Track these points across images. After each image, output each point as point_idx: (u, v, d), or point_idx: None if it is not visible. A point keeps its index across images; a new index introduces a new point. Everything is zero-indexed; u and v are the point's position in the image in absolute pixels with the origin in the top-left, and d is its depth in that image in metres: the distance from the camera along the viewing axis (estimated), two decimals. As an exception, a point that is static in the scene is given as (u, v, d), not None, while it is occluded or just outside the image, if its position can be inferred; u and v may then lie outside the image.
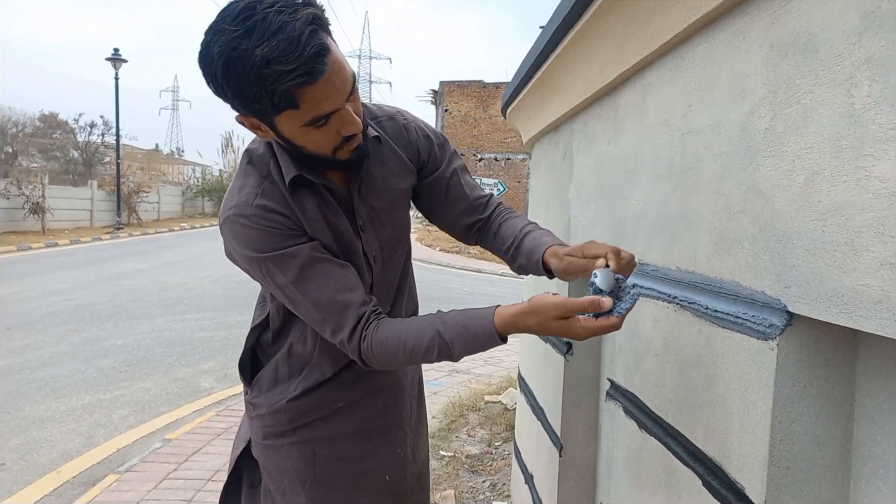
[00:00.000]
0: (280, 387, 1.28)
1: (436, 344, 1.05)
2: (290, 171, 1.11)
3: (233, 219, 1.10)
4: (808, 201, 0.72)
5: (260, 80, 0.93)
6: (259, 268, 1.10)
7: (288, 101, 0.96)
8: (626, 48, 1.28)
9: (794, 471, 0.77)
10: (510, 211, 1.35)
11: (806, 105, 0.73)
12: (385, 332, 1.08)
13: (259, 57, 0.91)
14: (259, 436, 1.31)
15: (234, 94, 0.97)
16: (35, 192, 17.21)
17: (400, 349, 1.07)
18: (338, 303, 1.09)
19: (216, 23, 0.95)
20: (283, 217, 1.10)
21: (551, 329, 1.00)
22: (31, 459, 3.44)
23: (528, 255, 1.20)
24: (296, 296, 1.10)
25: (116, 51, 19.53)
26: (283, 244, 1.08)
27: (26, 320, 6.67)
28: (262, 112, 1.00)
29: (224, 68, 0.94)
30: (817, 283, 0.70)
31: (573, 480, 1.86)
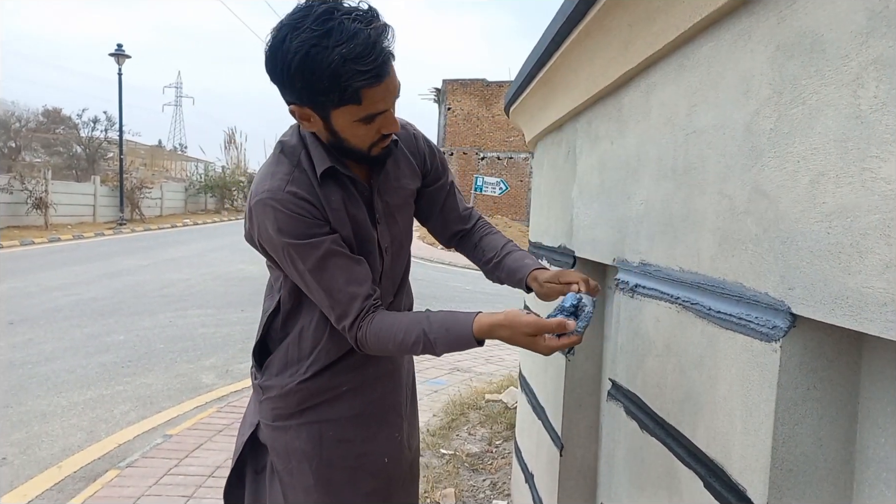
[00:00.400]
0: (290, 369, 1.37)
1: (421, 341, 1.20)
2: (322, 163, 1.23)
3: (266, 201, 1.20)
4: (812, 202, 0.71)
5: (335, 76, 1.07)
6: (282, 251, 1.21)
7: (354, 97, 1.11)
8: (631, 47, 1.27)
9: (797, 473, 0.77)
10: (489, 226, 1.59)
11: (812, 106, 0.72)
12: (379, 325, 1.22)
13: (338, 56, 1.05)
14: (269, 418, 1.39)
15: (305, 86, 1.10)
16: (38, 187, 17.23)
17: (390, 341, 1.21)
18: (347, 293, 1.22)
19: (294, 20, 1.08)
20: (311, 205, 1.21)
21: (520, 342, 1.16)
22: (32, 454, 3.45)
23: (510, 272, 1.43)
24: (311, 282, 1.22)
25: (120, 46, 19.54)
26: (309, 233, 1.20)
27: (28, 315, 6.68)
28: (324, 104, 1.13)
29: (302, 62, 1.06)
30: (822, 285, 0.69)
31: (574, 480, 1.86)
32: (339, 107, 1.13)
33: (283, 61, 1.08)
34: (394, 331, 1.21)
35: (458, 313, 1.22)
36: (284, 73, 1.10)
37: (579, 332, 1.17)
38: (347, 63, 1.06)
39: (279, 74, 1.11)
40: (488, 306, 8.81)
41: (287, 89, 1.14)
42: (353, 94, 1.10)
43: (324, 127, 1.19)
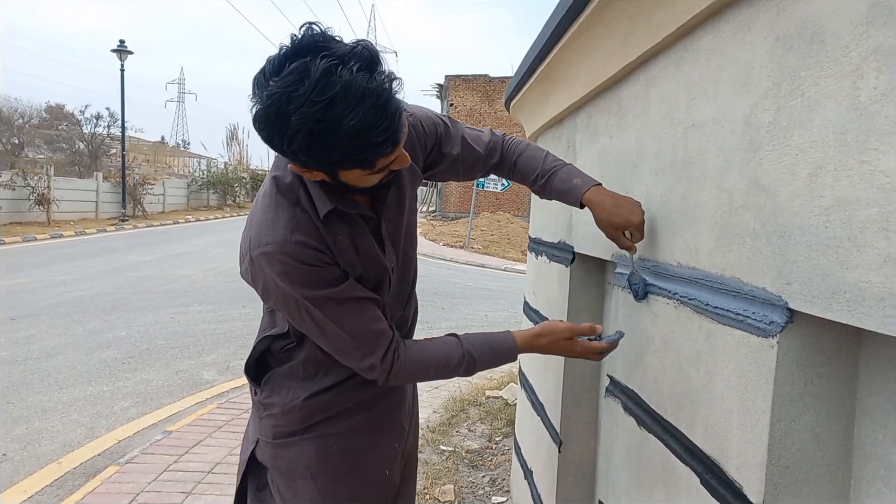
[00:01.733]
0: (295, 386, 1.30)
1: (464, 362, 1.23)
2: (324, 205, 1.12)
3: (273, 255, 1.10)
4: (811, 196, 0.70)
5: (347, 149, 0.96)
6: (296, 303, 1.13)
7: (365, 165, 1.02)
8: (630, 40, 1.26)
9: (794, 470, 0.76)
10: (517, 145, 1.46)
11: (811, 98, 0.71)
12: (416, 354, 1.23)
13: (348, 129, 0.93)
14: (269, 435, 1.32)
15: (311, 158, 0.99)
16: (41, 183, 17.25)
17: (432, 367, 1.23)
18: (371, 332, 1.18)
19: (287, 87, 0.91)
20: (319, 252, 1.12)
21: (559, 347, 1.25)
22: (32, 450, 3.45)
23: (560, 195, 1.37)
24: (331, 329, 1.15)
25: (122, 42, 19.52)
26: (324, 281, 1.12)
27: (31, 311, 6.69)
28: (330, 171, 1.04)
29: (307, 139, 0.94)
30: (819, 280, 0.68)
31: (572, 476, 1.85)
32: (348, 170, 1.04)
33: (281, 134, 0.95)
34: (434, 356, 1.23)
35: (495, 333, 1.28)
36: (285, 145, 0.97)
37: (610, 339, 1.24)
38: (360, 136, 0.94)
39: (278, 145, 0.98)
40: (489, 302, 8.80)
41: (289, 157, 1.02)
42: (366, 162, 1.01)
43: (329, 178, 1.08)
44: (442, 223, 23.35)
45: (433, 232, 19.95)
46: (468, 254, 15.61)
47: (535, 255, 2.46)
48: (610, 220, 1.22)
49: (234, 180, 32.63)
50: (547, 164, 1.39)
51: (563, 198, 1.35)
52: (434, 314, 7.77)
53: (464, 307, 8.36)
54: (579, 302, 1.81)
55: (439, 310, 8.06)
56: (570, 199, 1.33)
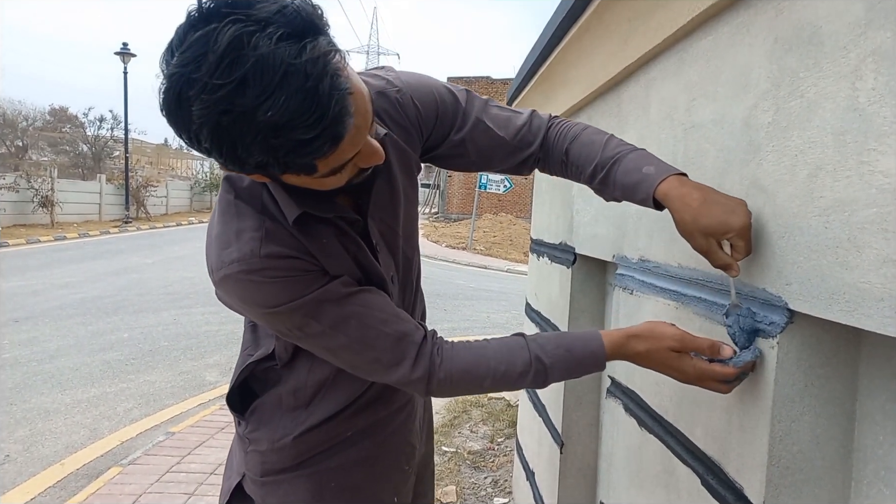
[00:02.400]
0: (284, 421, 1.10)
1: (531, 368, 0.93)
2: (291, 210, 0.88)
3: (238, 276, 0.87)
4: (810, 197, 0.70)
5: (266, 149, 0.71)
6: (286, 321, 0.92)
7: (305, 168, 0.77)
8: (630, 42, 1.26)
9: (794, 471, 0.76)
10: (564, 130, 1.09)
11: (809, 99, 0.71)
12: (465, 360, 0.94)
13: (263, 124, 0.68)
14: (257, 472, 1.12)
15: (228, 160, 0.74)
16: (44, 185, 17.30)
17: (488, 376, 0.94)
18: (390, 336, 0.93)
19: (185, 65, 0.67)
20: (299, 261, 0.90)
21: (661, 359, 0.88)
22: (35, 451, 3.46)
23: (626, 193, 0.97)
24: (337, 340, 0.93)
25: (125, 45, 19.58)
26: (307, 290, 0.90)
27: (34, 313, 6.70)
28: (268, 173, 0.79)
29: (213, 136, 0.70)
30: (819, 281, 0.68)
31: (574, 478, 1.85)
32: (286, 174, 0.79)
33: (186, 129, 0.71)
34: (491, 363, 0.93)
35: (576, 333, 0.96)
36: (194, 142, 0.73)
37: (738, 365, 0.81)
38: (281, 132, 0.69)
39: (189, 142, 0.74)
40: (491, 304, 8.80)
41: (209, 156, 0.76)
42: (300, 168, 0.76)
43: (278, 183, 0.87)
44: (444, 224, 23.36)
45: (435, 233, 19.95)
46: (470, 255, 15.62)
47: (537, 257, 2.46)
48: (697, 223, 0.84)
49: (236, 182, 32.59)
50: (608, 151, 1.00)
51: (632, 195, 0.96)
52: (436, 315, 7.77)
53: (466, 308, 8.36)
54: (580, 303, 1.81)
55: (441, 311, 8.06)
56: (639, 197, 0.94)
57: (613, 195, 1.00)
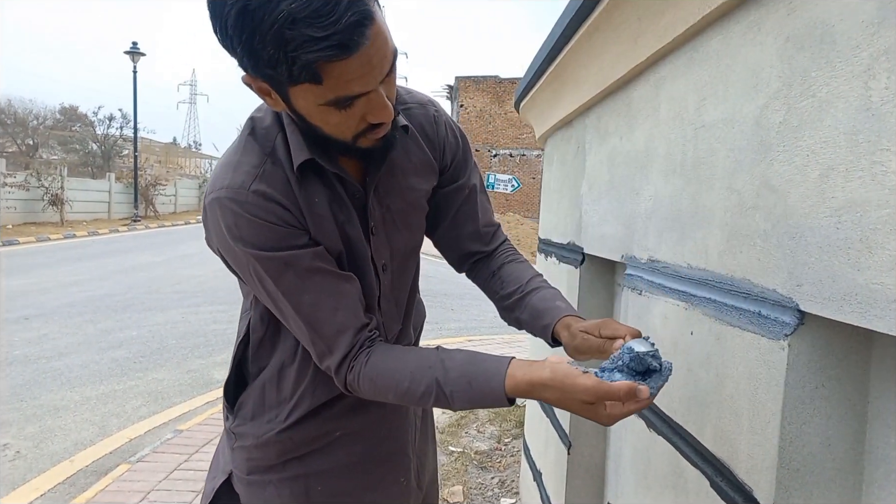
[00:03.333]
0: (268, 415, 1.09)
1: (433, 392, 0.91)
2: (300, 154, 0.93)
3: (223, 202, 0.91)
4: (822, 197, 0.70)
5: (279, 42, 0.75)
6: (247, 266, 0.93)
7: (309, 74, 0.78)
8: (640, 41, 1.26)
9: (804, 473, 0.75)
10: (515, 253, 1.21)
11: (821, 98, 0.71)
12: (377, 367, 0.94)
13: (283, 13, 0.72)
14: (243, 470, 1.12)
15: (245, 52, 0.79)
16: (54, 183, 17.45)
17: (391, 389, 0.94)
18: (334, 324, 0.94)
19: None
20: (284, 210, 0.92)
21: (573, 409, 0.87)
22: (45, 448, 3.48)
23: (534, 314, 1.07)
24: (286, 308, 0.94)
25: (135, 44, 19.70)
26: (281, 244, 0.92)
27: (43, 310, 6.75)
28: (275, 79, 0.82)
29: (238, 18, 0.75)
30: (830, 282, 0.68)
31: (581, 479, 1.84)
32: (293, 84, 0.81)
33: (218, 14, 0.77)
34: (397, 376, 0.93)
35: (484, 360, 0.93)
36: (222, 32, 0.79)
37: (654, 393, 0.85)
38: (296, 25, 0.73)
39: (218, 33, 0.79)
40: (499, 304, 8.80)
41: (232, 54, 0.82)
42: (308, 71, 0.78)
43: (287, 108, 0.88)
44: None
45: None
46: (478, 255, 15.57)
47: (545, 257, 2.45)
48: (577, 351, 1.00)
49: (244, 181, 32.75)
50: (534, 282, 1.13)
51: (538, 319, 1.06)
52: (443, 315, 7.77)
53: (473, 308, 8.36)
54: (589, 304, 1.81)
55: (448, 311, 8.06)
56: (543, 322, 1.05)
57: (518, 317, 1.11)
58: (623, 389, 0.82)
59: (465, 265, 1.23)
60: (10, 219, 16.08)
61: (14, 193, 16.10)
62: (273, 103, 0.88)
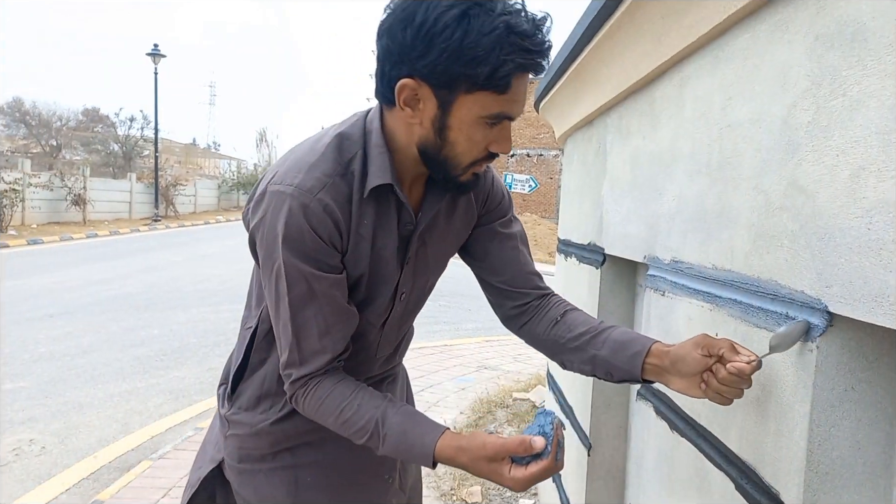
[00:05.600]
0: (263, 404, 1.12)
1: (370, 430, 0.96)
2: (381, 177, 0.97)
3: (287, 197, 0.94)
4: (852, 197, 0.69)
5: (495, 44, 0.85)
6: (273, 258, 0.97)
7: (502, 80, 0.88)
8: (664, 40, 1.25)
9: (833, 477, 0.74)
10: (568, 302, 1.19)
11: (852, 97, 0.70)
12: (329, 390, 0.99)
13: (504, 22, 0.85)
14: (234, 458, 1.15)
15: (448, 52, 0.86)
16: (77, 184, 17.72)
17: (332, 413, 0.99)
18: (317, 344, 0.99)
19: None
20: (334, 225, 0.96)
21: (482, 472, 0.91)
22: (70, 443, 3.54)
23: (616, 346, 1.03)
24: (284, 311, 0.98)
25: (156, 46, 19.95)
26: (314, 257, 0.96)
27: (68, 308, 6.87)
28: (456, 83, 0.89)
29: (456, 20, 0.84)
30: (861, 283, 0.67)
31: (602, 480, 1.84)
32: (473, 91, 0.89)
33: (427, 15, 0.85)
34: (343, 404, 0.98)
35: (425, 420, 0.97)
36: (423, 32, 0.86)
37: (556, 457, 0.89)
38: (512, 34, 0.85)
39: (414, 32, 0.86)
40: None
41: (413, 55, 0.88)
42: (504, 77, 0.87)
43: (433, 119, 0.93)
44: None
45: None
46: (495, 255, 15.53)
47: (564, 257, 2.45)
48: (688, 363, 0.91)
49: (263, 181, 33.01)
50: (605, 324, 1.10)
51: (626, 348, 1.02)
52: (460, 315, 7.77)
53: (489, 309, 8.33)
54: (609, 305, 1.80)
55: (465, 311, 8.06)
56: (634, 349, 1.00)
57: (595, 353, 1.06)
58: (516, 441, 0.88)
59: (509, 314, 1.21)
60: (35, 218, 16.37)
61: (39, 193, 16.38)
62: (410, 115, 0.94)
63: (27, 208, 16.00)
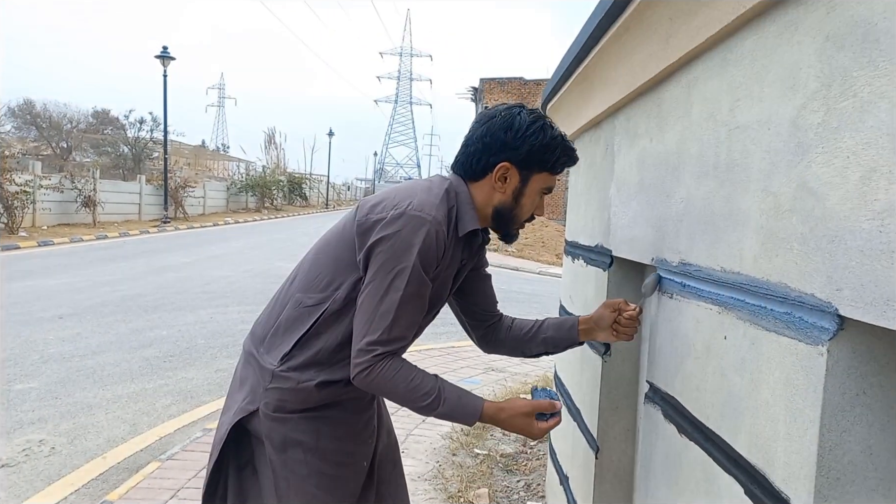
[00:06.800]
0: (313, 369, 1.40)
1: (433, 394, 1.32)
2: (471, 223, 1.40)
3: (430, 221, 1.30)
4: (863, 200, 0.68)
5: (557, 145, 1.39)
6: (399, 266, 1.28)
7: (557, 168, 1.42)
8: (671, 42, 1.24)
9: (845, 483, 0.74)
10: None
11: (863, 98, 0.69)
12: (399, 365, 1.32)
13: (559, 133, 1.40)
14: (271, 408, 1.41)
15: (534, 147, 1.37)
16: (87, 185, 17.80)
17: (403, 382, 1.31)
18: (403, 332, 1.31)
19: (517, 105, 1.43)
20: (444, 250, 1.34)
21: (517, 425, 1.37)
22: (79, 444, 3.56)
23: (558, 326, 1.61)
24: (390, 300, 1.29)
25: (165, 48, 20.06)
26: (429, 268, 1.32)
27: (77, 310, 6.91)
28: (535, 165, 1.39)
29: (539, 129, 1.37)
30: (872, 286, 0.66)
31: (609, 483, 1.83)
32: (542, 171, 1.40)
33: (521, 125, 1.36)
34: (412, 374, 1.32)
35: (469, 392, 1.38)
36: (518, 133, 1.36)
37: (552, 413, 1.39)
38: (563, 140, 1.40)
39: (512, 135, 1.36)
40: (523, 306, 8.76)
41: (509, 147, 1.37)
42: (560, 166, 1.42)
43: (514, 189, 1.41)
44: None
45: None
46: (502, 257, 15.56)
47: (572, 259, 2.44)
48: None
49: (271, 183, 33.19)
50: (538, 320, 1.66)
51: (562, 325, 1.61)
52: (468, 317, 7.75)
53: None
54: (617, 306, 1.79)
55: (473, 313, 8.04)
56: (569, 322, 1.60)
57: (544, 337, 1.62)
58: (545, 403, 1.38)
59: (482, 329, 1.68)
60: (46, 220, 16.47)
61: (49, 195, 16.47)
62: (498, 187, 1.41)
63: (38, 210, 16.09)
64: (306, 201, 40.25)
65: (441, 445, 3.65)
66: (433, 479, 3.20)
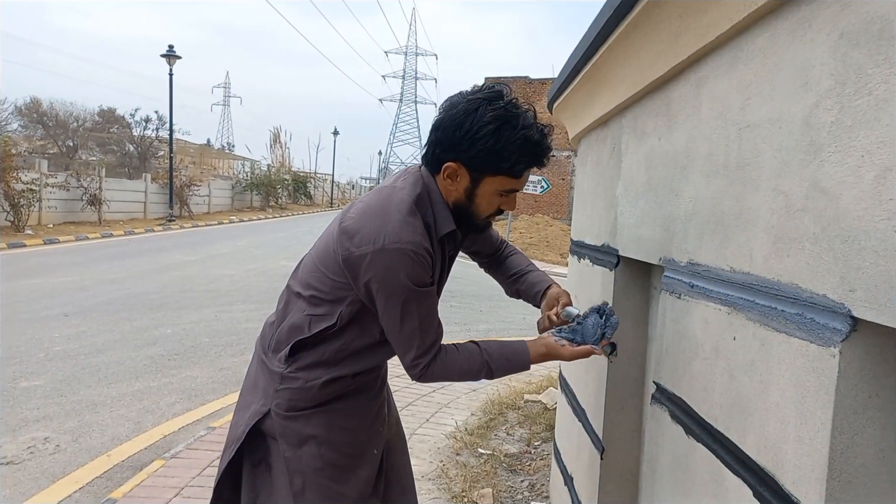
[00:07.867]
0: (320, 368, 1.46)
1: (484, 367, 1.44)
2: (448, 225, 1.41)
3: (407, 251, 1.31)
4: (878, 199, 0.67)
5: (518, 149, 1.31)
6: (401, 296, 1.33)
7: (517, 171, 1.35)
8: (680, 40, 1.23)
9: (857, 485, 0.73)
10: (513, 247, 1.88)
11: (878, 96, 0.68)
12: (447, 358, 1.42)
13: (523, 136, 1.31)
14: (283, 407, 1.46)
15: (486, 151, 1.30)
16: (93, 184, 17.86)
17: (455, 371, 1.43)
18: (434, 335, 1.40)
19: (489, 97, 1.31)
20: (432, 260, 1.37)
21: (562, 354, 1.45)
22: (83, 442, 3.57)
23: (529, 285, 1.72)
24: (414, 320, 1.36)
25: (171, 47, 20.11)
26: (426, 282, 1.36)
27: (82, 308, 6.92)
28: (486, 169, 1.34)
29: (494, 131, 1.29)
30: (886, 287, 0.65)
31: (614, 484, 1.82)
32: (497, 175, 1.34)
33: (472, 124, 1.29)
34: (459, 361, 1.42)
35: (508, 343, 1.48)
36: (467, 134, 1.29)
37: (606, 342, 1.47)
38: (527, 143, 1.31)
39: (461, 134, 1.30)
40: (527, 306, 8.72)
41: (458, 149, 1.32)
42: (518, 170, 1.34)
43: (466, 188, 1.38)
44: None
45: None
46: (507, 256, 15.49)
47: (578, 259, 2.43)
48: None
49: (276, 182, 33.26)
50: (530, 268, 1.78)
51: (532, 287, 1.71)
52: (472, 316, 7.76)
53: (501, 310, 8.33)
54: (624, 307, 1.78)
55: (477, 312, 8.05)
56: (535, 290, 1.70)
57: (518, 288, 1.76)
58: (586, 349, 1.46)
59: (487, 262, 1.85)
60: (52, 218, 16.52)
61: (55, 193, 16.51)
62: (450, 184, 1.38)
63: (44, 208, 16.14)
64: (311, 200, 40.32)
65: (445, 445, 3.64)
66: (437, 478, 3.19)
